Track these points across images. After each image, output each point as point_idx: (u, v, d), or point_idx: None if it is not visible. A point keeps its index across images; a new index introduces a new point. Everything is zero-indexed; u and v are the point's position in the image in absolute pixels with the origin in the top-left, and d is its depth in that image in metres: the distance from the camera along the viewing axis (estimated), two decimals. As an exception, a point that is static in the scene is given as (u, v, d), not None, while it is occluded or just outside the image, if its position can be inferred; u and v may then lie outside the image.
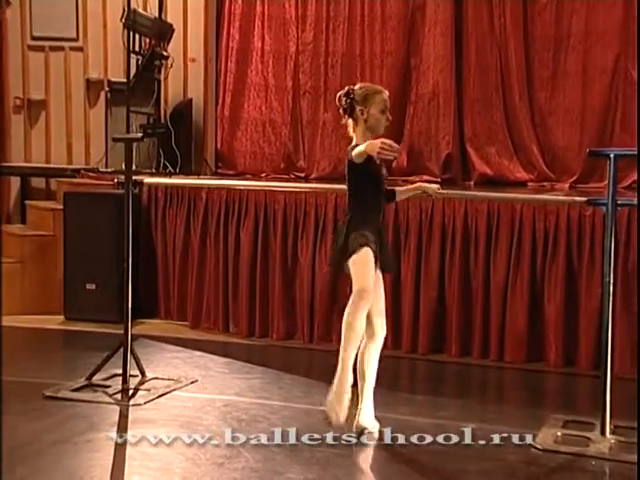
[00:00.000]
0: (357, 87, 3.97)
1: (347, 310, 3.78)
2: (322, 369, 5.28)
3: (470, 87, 7.21)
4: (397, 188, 4.26)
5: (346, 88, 3.97)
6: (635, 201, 4.31)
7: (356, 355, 3.87)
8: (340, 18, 7.52)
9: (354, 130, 3.94)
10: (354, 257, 3.81)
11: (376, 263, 3.84)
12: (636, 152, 4.45)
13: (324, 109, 7.58)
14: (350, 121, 3.95)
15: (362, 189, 3.88)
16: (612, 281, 3.98)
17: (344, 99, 3.93)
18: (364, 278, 3.79)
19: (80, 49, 8.09)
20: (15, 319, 6.22)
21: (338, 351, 5.02)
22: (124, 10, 7.11)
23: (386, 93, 3.98)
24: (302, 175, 7.71)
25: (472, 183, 7.16)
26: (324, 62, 7.57)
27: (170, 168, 7.41)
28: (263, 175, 7.71)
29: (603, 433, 3.92)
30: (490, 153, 7.18)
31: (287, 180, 7.48)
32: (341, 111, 3.96)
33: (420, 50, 7.34)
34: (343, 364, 3.78)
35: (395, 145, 3.63)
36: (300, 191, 6.06)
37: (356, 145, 3.85)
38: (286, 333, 5.94)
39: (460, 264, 5.49)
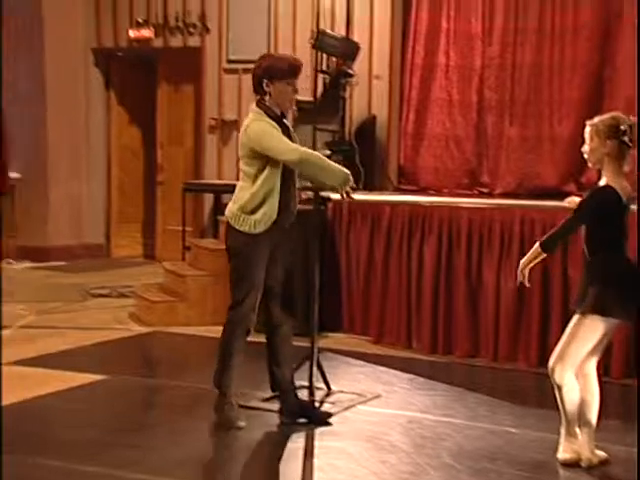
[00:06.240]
0: None
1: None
2: (507, 389, 5.19)
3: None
4: None
5: None
6: None
7: None
8: (528, 30, 7.37)
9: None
10: (587, 320, 3.70)
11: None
12: None
13: (510, 124, 7.44)
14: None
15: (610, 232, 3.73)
16: None
17: None
18: (575, 355, 3.70)
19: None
20: (207, 330, 6.50)
21: (524, 371, 4.90)
22: (313, 31, 7.31)
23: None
24: (486, 191, 7.60)
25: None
26: (510, 76, 7.44)
27: (353, 184, 7.50)
28: (446, 191, 7.66)
29: None
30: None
31: (470, 196, 7.39)
32: None
33: (614, 60, 7.03)
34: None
35: None
36: (485, 207, 5.98)
37: None
38: (470, 350, 5.86)
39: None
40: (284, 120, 4.29)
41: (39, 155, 9.61)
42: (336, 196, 4.53)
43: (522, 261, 3.82)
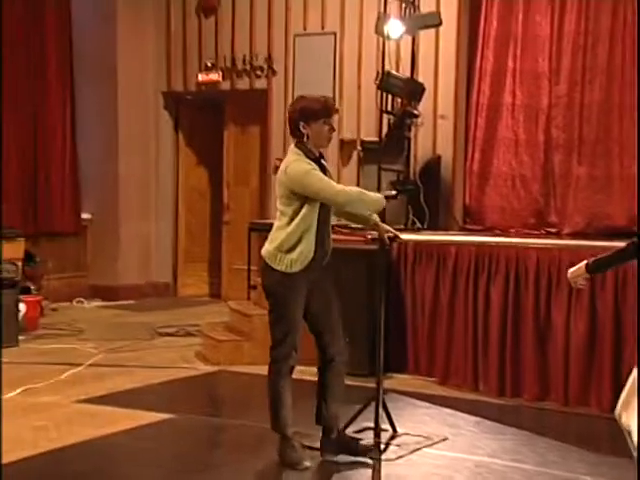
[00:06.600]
0: None
1: None
2: (579, 434, 5.06)
3: None
4: None
5: None
6: None
7: None
8: (597, 68, 7.31)
9: None
10: None
11: None
12: None
13: (578, 163, 7.36)
14: None
15: None
16: None
17: None
18: None
19: (336, 111, 8.46)
20: (271, 368, 6.52)
21: (596, 416, 4.73)
22: (378, 73, 7.37)
23: None
24: (554, 231, 7.50)
25: None
26: (579, 114, 7.37)
27: (418, 224, 7.50)
28: (512, 231, 7.58)
29: None
30: None
31: (538, 236, 7.29)
32: None
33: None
34: None
35: None
36: (553, 247, 5.88)
37: None
38: (539, 393, 5.73)
39: None
40: (322, 161, 4.33)
41: (110, 196, 9.85)
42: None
43: (570, 272, 3.76)
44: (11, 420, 4.93)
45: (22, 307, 7.48)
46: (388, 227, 4.60)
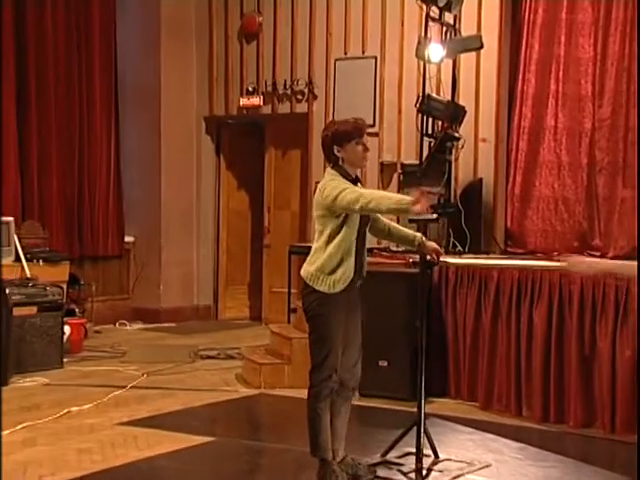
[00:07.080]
0: None
1: None
2: (627, 464, 4.94)
3: None
4: None
5: None
6: None
7: None
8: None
9: None
10: None
11: None
12: None
13: (623, 185, 7.26)
14: None
15: None
16: None
17: None
18: None
19: (376, 134, 8.52)
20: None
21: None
22: (419, 96, 7.37)
23: None
24: (598, 254, 7.39)
25: None
26: (623, 138, 7.29)
27: (459, 247, 7.45)
28: (555, 254, 7.49)
29: None
30: None
31: (582, 259, 7.20)
32: None
33: None
34: None
35: None
36: (598, 271, 5.79)
37: None
38: (584, 420, 5.63)
39: None
40: (358, 184, 4.32)
41: (153, 219, 9.96)
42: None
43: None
44: (55, 442, 4.99)
45: (67, 329, 7.58)
46: (435, 245, 4.54)
